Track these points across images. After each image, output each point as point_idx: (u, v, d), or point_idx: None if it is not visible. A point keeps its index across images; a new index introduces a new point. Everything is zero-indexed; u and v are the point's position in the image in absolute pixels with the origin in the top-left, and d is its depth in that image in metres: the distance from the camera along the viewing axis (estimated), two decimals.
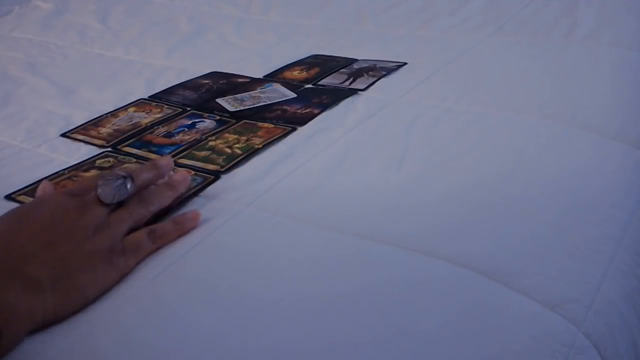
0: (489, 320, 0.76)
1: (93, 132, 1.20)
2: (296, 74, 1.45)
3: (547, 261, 0.85)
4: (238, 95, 1.34)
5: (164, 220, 0.90)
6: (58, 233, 0.76)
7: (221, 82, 1.41)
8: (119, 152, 1.13)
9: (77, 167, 1.08)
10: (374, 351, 0.72)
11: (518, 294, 0.79)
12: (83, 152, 1.14)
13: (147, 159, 1.10)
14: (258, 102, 1.30)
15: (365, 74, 1.41)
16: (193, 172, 1.04)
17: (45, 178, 1.04)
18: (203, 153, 1.11)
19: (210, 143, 1.14)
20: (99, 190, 0.82)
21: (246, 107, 1.28)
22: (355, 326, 0.75)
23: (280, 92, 1.35)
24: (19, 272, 0.72)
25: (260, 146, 1.12)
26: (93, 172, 1.06)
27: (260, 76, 1.44)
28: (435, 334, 0.74)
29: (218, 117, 1.24)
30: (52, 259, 0.74)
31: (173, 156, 1.10)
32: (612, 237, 0.91)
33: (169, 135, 1.18)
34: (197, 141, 1.15)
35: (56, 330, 0.75)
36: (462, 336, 0.74)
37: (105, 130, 1.21)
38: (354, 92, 1.33)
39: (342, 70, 1.44)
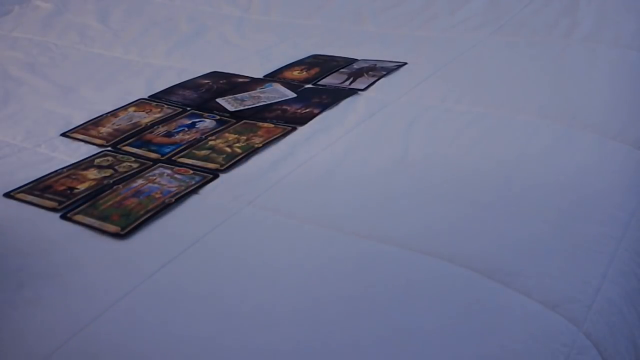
0: (489, 320, 0.76)
1: (93, 132, 1.20)
2: (296, 74, 1.44)
3: (547, 261, 0.85)
4: (238, 95, 1.34)
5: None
6: None
7: (221, 82, 1.41)
8: (119, 151, 1.13)
9: (76, 165, 1.08)
10: (374, 350, 0.71)
11: (518, 293, 0.79)
12: (83, 151, 1.14)
13: (147, 158, 1.10)
14: (258, 102, 1.30)
15: (365, 74, 1.41)
16: (191, 172, 1.04)
17: (44, 176, 1.04)
18: (203, 152, 1.11)
19: (210, 142, 1.14)
20: None
21: (246, 107, 1.28)
22: (355, 325, 0.75)
23: (280, 92, 1.35)
24: None
25: (260, 145, 1.12)
26: (92, 171, 1.06)
27: (260, 76, 1.44)
28: (436, 333, 0.74)
29: (218, 117, 1.24)
30: None
31: (172, 155, 1.10)
32: (612, 237, 0.91)
33: (169, 134, 1.18)
34: (197, 140, 1.15)
35: (58, 325, 0.75)
36: (462, 336, 0.73)
37: (105, 129, 1.21)
38: (354, 92, 1.33)
39: (342, 70, 1.44)
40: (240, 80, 1.42)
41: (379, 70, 1.42)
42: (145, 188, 1.00)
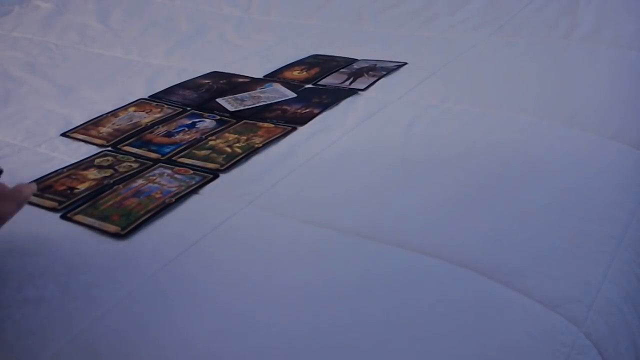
0: (489, 320, 0.76)
1: (93, 132, 1.20)
2: (296, 74, 1.45)
3: (547, 261, 0.85)
4: (238, 95, 1.34)
5: None
6: None
7: (221, 82, 1.41)
8: (119, 151, 1.13)
9: (76, 165, 1.08)
10: (375, 350, 0.71)
11: (518, 293, 0.79)
12: (83, 151, 1.14)
13: (147, 158, 1.10)
14: (258, 102, 1.30)
15: (365, 74, 1.41)
16: (191, 172, 1.05)
17: (44, 176, 1.04)
18: (203, 152, 1.11)
19: (211, 142, 1.14)
20: None
21: (246, 107, 1.28)
22: (355, 325, 0.74)
23: (280, 92, 1.35)
24: None
25: (260, 145, 1.12)
26: (92, 171, 1.06)
27: (260, 76, 1.44)
28: (435, 333, 0.74)
29: (218, 117, 1.24)
30: None
31: (172, 155, 1.10)
32: (612, 237, 0.91)
33: (169, 134, 1.18)
34: (197, 140, 1.15)
35: (58, 325, 0.75)
36: (463, 335, 0.73)
37: (105, 129, 1.21)
38: (354, 92, 1.33)
39: (342, 70, 1.44)
40: (240, 80, 1.42)
41: (379, 70, 1.42)
42: (145, 188, 1.00)
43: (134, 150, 1.13)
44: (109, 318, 0.76)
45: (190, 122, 1.23)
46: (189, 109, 1.28)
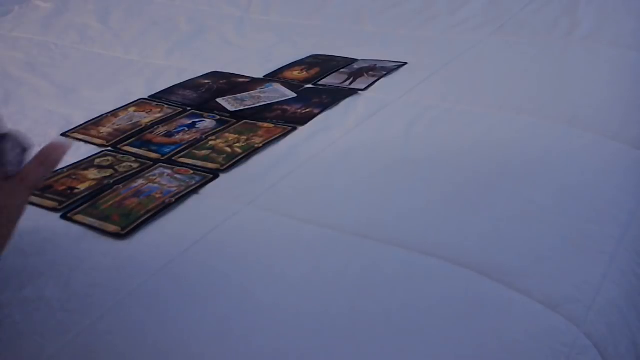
0: (489, 320, 0.76)
1: (93, 132, 1.20)
2: (296, 74, 1.44)
3: (548, 261, 0.85)
4: (238, 95, 1.34)
5: None
6: None
7: (221, 82, 1.41)
8: (119, 151, 1.13)
9: (76, 165, 1.08)
10: (375, 350, 0.71)
11: (519, 293, 0.79)
12: (83, 151, 1.14)
13: (147, 158, 1.10)
14: (258, 102, 1.30)
15: (365, 74, 1.41)
16: (191, 172, 1.05)
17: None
18: (203, 152, 1.11)
19: (211, 142, 1.14)
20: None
21: (246, 107, 1.28)
22: (355, 325, 0.75)
23: (280, 92, 1.35)
24: None
25: (261, 145, 1.12)
26: (92, 171, 1.06)
27: (260, 76, 1.44)
28: (436, 333, 0.74)
29: (218, 117, 1.24)
30: None
31: (173, 155, 1.10)
32: (612, 237, 0.91)
33: (169, 134, 1.18)
34: (197, 140, 1.15)
35: (58, 325, 0.75)
36: (462, 336, 0.73)
37: (105, 129, 1.21)
38: (354, 92, 1.33)
39: (342, 70, 1.44)
40: (240, 80, 1.42)
41: (379, 70, 1.42)
42: (145, 188, 1.00)
43: (134, 150, 1.13)
44: (109, 318, 0.76)
45: (190, 122, 1.23)
46: (189, 109, 1.28)
